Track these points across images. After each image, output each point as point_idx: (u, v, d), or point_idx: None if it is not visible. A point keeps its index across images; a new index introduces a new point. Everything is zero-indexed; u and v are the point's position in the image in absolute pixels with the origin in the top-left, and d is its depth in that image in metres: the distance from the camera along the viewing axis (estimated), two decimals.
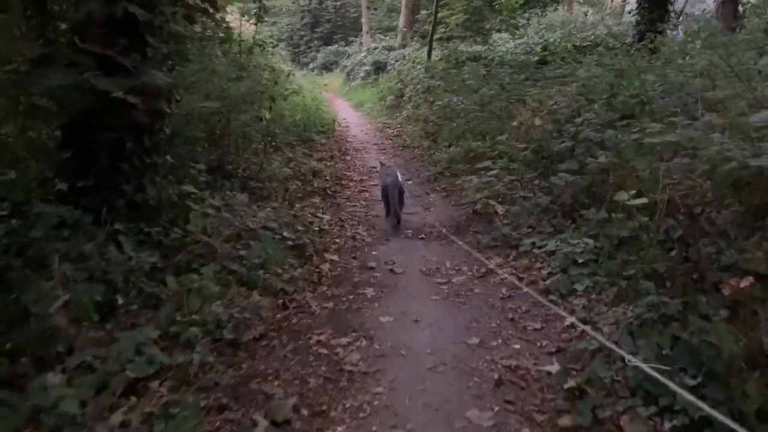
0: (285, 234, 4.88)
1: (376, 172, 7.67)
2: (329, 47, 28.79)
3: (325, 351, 3.33)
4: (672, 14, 11.68)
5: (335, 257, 4.90)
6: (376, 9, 28.59)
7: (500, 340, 3.51)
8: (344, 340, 3.47)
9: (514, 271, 4.56)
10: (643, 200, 4.10)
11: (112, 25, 3.83)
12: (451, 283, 4.44)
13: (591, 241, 4.40)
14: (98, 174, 4.07)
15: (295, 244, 4.80)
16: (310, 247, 4.84)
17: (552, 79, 9.14)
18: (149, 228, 4.17)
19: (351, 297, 4.14)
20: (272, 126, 8.55)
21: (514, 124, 6.69)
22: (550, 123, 6.14)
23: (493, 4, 15.15)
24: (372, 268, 4.75)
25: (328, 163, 8.58)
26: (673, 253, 3.83)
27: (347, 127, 13.47)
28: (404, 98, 14.22)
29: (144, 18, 3.54)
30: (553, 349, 3.36)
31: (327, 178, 7.53)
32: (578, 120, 5.68)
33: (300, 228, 5.12)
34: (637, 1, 11.81)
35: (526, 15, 15.75)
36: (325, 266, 4.61)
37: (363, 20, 26.25)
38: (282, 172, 6.98)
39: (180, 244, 4.24)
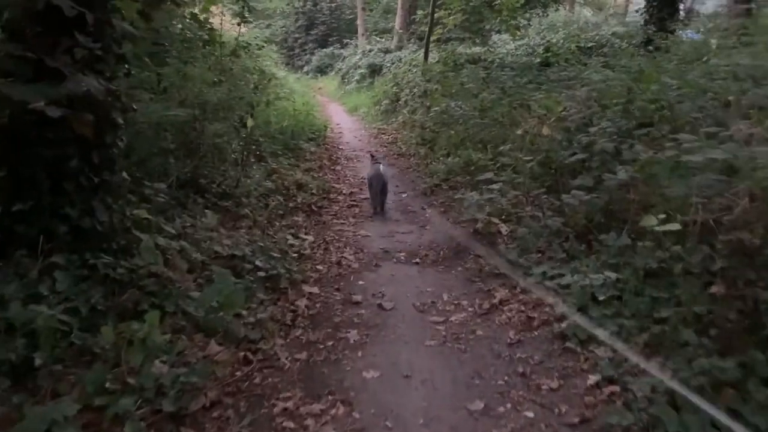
0: (257, 263, 4.22)
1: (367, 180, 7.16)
2: (324, 50, 28.11)
3: (291, 424, 2.67)
4: (681, 13, 11.05)
5: (315, 289, 4.24)
6: (371, 10, 27.98)
7: (509, 405, 2.86)
8: (317, 407, 2.81)
9: (522, 308, 3.91)
10: (676, 226, 3.47)
11: (47, 22, 3.20)
12: (450, 323, 3.79)
13: (613, 274, 3.74)
14: (37, 196, 3.45)
15: (268, 275, 4.14)
16: (285, 278, 4.18)
17: (557, 82, 8.50)
18: (96, 259, 3.53)
19: (330, 343, 3.48)
20: (255, 134, 7.91)
21: (519, 132, 6.04)
22: (559, 132, 5.49)
23: (493, 4, 14.52)
24: (357, 303, 4.09)
25: (316, 175, 7.91)
26: (713, 290, 3.18)
27: (340, 133, 12.82)
28: (400, 102, 13.57)
29: (71, 13, 2.89)
30: (576, 419, 2.71)
31: (313, 191, 6.87)
32: (592, 129, 5.02)
33: (276, 254, 4.46)
34: (645, 0, 11.18)
35: (527, 15, 15.11)
36: (302, 302, 3.95)
37: (358, 22, 25.64)
38: (262, 186, 6.33)
39: (130, 279, 3.60)
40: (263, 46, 11.72)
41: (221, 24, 8.65)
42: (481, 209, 5.49)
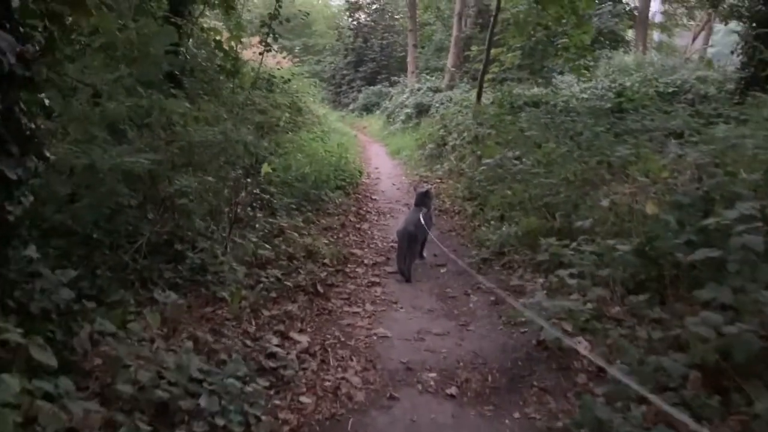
0: (202, 402, 2.70)
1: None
2: (372, 87, 27.04)
3: None
4: None
5: None
6: (423, 48, 26.80)
7: None
8: None
9: None
10: None
11: None
12: None
13: None
14: None
15: (213, 427, 2.61)
16: None
17: (642, 132, 6.89)
18: None
19: None
20: (270, 182, 6.55)
21: (604, 203, 4.40)
22: (667, 209, 3.83)
23: (555, 43, 13.00)
24: None
25: (335, 236, 6.40)
26: None
27: (377, 179, 11.35)
28: (447, 147, 12.03)
29: None
30: None
31: (325, 261, 5.34)
32: (730, 213, 3.32)
33: (237, 383, 2.92)
34: (742, 39, 9.45)
35: (595, 54, 13.44)
36: None
37: (409, 59, 24.41)
38: (256, 255, 4.87)
39: None
40: (289, 80, 10.44)
41: (227, 42, 7.42)
42: (548, 311, 3.86)
